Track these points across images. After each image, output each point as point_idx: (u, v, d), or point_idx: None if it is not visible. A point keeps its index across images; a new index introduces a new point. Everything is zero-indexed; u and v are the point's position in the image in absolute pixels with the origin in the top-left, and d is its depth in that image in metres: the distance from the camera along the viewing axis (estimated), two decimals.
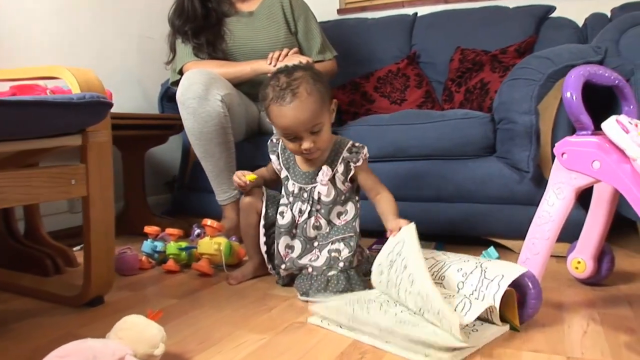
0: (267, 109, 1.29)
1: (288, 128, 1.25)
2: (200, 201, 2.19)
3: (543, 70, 1.64)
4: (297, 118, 1.23)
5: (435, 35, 2.57)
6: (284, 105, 1.23)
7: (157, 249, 1.65)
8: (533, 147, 1.64)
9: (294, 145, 1.28)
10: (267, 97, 1.27)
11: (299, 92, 1.22)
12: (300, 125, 1.24)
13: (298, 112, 1.22)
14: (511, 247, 1.77)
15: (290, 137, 1.27)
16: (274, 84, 1.25)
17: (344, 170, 1.36)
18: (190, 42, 2.05)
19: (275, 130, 1.34)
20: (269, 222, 1.43)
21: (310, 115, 1.23)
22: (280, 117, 1.25)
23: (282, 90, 1.23)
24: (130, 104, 2.50)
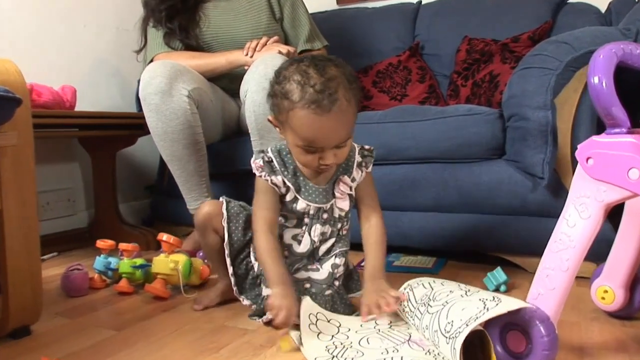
0: (286, 111, 0.98)
1: (316, 141, 0.98)
2: (180, 207, 1.96)
3: (561, 57, 1.38)
4: (335, 131, 0.97)
5: (441, 24, 2.33)
6: (319, 115, 0.94)
7: (110, 266, 1.43)
8: (549, 148, 1.39)
9: (310, 158, 1.01)
10: (291, 97, 0.96)
11: (339, 99, 0.94)
12: (333, 139, 0.98)
13: (337, 124, 0.96)
14: (522, 265, 1.52)
15: (309, 150, 1.00)
16: (303, 81, 0.96)
17: (360, 176, 1.15)
18: (163, 27, 1.83)
19: (284, 137, 1.06)
20: (236, 249, 1.18)
21: (348, 129, 1.00)
22: (311, 127, 0.96)
23: (318, 94, 0.94)
24: (106, 102, 2.31)
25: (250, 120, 1.57)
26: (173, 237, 1.34)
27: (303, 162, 1.05)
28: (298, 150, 1.01)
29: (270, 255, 1.05)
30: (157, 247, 1.84)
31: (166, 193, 2.15)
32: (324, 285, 1.12)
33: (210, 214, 1.18)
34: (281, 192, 1.10)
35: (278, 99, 1.00)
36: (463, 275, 1.47)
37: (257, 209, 1.09)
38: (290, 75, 0.98)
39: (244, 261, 1.18)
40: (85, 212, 2.19)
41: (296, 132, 0.98)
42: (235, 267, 1.16)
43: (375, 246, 1.15)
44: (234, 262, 1.17)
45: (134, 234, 1.94)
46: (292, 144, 1.03)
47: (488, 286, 1.34)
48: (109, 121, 1.85)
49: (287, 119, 0.99)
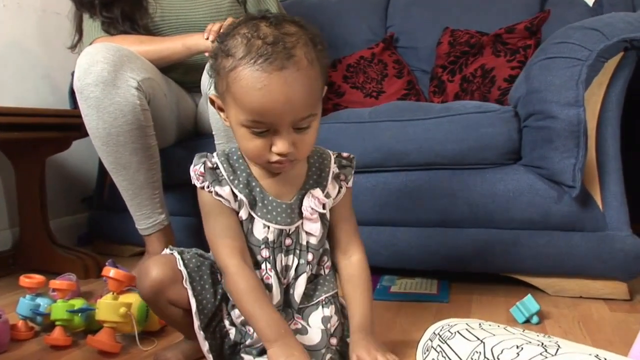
0: (227, 75, 0.73)
1: (265, 111, 0.71)
2: (124, 223, 1.64)
3: (590, 45, 1.18)
4: (290, 99, 0.71)
5: (416, 14, 2.13)
6: (269, 72, 0.70)
7: (40, 310, 1.10)
8: (581, 152, 1.18)
9: (259, 144, 0.75)
10: (233, 53, 0.72)
11: (296, 55, 0.71)
12: (288, 109, 0.72)
13: (293, 88, 0.71)
14: (542, 287, 1.32)
15: (258, 129, 0.74)
16: (250, 34, 0.72)
17: (337, 192, 0.89)
18: (99, 17, 1.50)
19: (228, 120, 0.79)
20: (208, 315, 0.86)
21: (307, 96, 0.73)
22: (257, 90, 0.70)
23: (268, 46, 0.70)
24: (33, 98, 1.97)
25: (216, 118, 1.29)
26: (123, 272, 1.03)
27: (250, 152, 0.78)
28: (243, 132, 0.75)
29: (255, 299, 0.77)
30: (99, 274, 1.52)
31: (107, 206, 1.83)
32: (322, 350, 0.82)
33: (161, 281, 0.83)
34: (231, 207, 0.82)
35: (217, 61, 0.76)
36: (478, 303, 1.25)
37: (215, 238, 0.82)
38: (236, 30, 0.75)
39: (216, 328, 0.87)
40: (8, 232, 1.83)
41: (238, 101, 0.73)
42: (208, 340, 0.85)
43: (362, 290, 0.88)
44: (206, 334, 0.85)
45: (69, 257, 1.60)
46: (235, 123, 0.77)
47: (517, 318, 1.11)
48: (36, 120, 1.50)
49: (228, 86, 0.74)
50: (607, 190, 1.26)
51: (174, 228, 1.45)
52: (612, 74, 1.24)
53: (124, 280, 1.02)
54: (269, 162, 0.77)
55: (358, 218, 0.95)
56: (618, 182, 1.26)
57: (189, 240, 1.62)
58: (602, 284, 1.27)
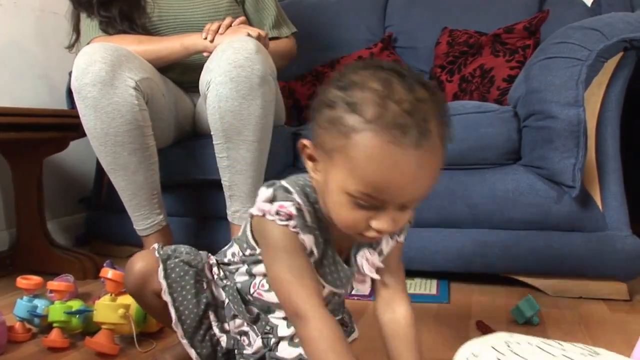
0: (347, 133, 0.60)
1: (387, 189, 0.60)
2: (122, 223, 1.63)
3: (591, 45, 1.18)
4: (416, 178, 0.60)
5: (415, 14, 2.13)
6: (403, 148, 0.58)
7: (37, 311, 1.09)
8: (581, 152, 1.18)
9: (359, 217, 0.63)
10: (361, 111, 0.59)
11: (431, 130, 0.59)
12: (411, 191, 0.61)
13: (423, 170, 0.60)
14: (542, 287, 1.31)
15: (366, 203, 0.62)
16: (384, 93, 0.59)
17: (388, 249, 0.78)
18: (97, 16, 1.49)
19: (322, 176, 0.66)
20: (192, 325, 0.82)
21: (433, 180, 0.63)
22: (385, 165, 0.59)
23: (406, 116, 0.58)
24: (31, 98, 1.95)
25: (214, 119, 1.28)
26: (121, 273, 1.02)
27: (344, 222, 0.65)
28: (345, 200, 0.63)
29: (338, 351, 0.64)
30: (97, 275, 1.51)
31: (105, 206, 1.82)
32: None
33: (144, 273, 0.82)
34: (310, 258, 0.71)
35: (334, 112, 0.61)
36: (478, 304, 1.24)
37: (291, 278, 0.68)
38: (364, 80, 0.61)
39: (205, 336, 0.83)
40: (5, 232, 1.81)
41: (356, 169, 0.60)
42: (197, 349, 0.82)
43: (412, 349, 0.78)
44: (194, 342, 0.82)
45: (66, 258, 1.59)
46: (336, 187, 0.63)
47: (517, 319, 1.11)
48: (33, 120, 1.49)
49: (346, 148, 0.60)
50: (606, 190, 1.26)
51: (172, 229, 1.45)
52: (612, 74, 1.24)
53: (122, 282, 1.01)
54: (360, 235, 0.65)
55: None
56: (618, 182, 1.26)
57: (187, 240, 1.61)
58: (602, 285, 1.27)
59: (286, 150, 1.54)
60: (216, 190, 1.43)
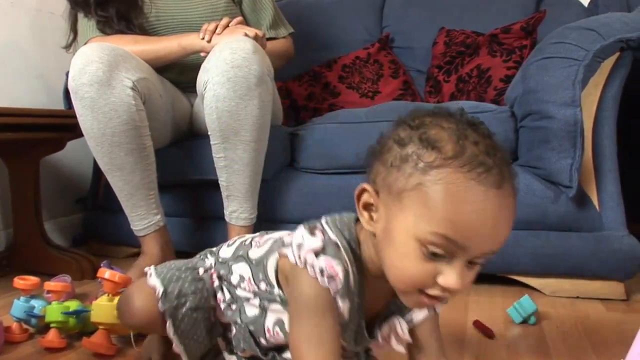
0: (426, 167, 0.55)
1: (467, 231, 0.53)
2: (119, 224, 1.63)
3: (587, 45, 1.19)
4: (497, 221, 0.54)
5: (412, 15, 2.13)
6: (486, 185, 0.53)
7: (34, 312, 1.09)
8: (578, 152, 1.18)
9: (425, 270, 0.56)
10: (440, 147, 0.55)
11: (507, 175, 0.55)
12: (491, 236, 0.55)
13: (502, 211, 0.54)
14: (539, 287, 1.32)
15: (438, 250, 0.54)
16: (459, 133, 0.55)
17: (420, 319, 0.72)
18: (94, 16, 1.49)
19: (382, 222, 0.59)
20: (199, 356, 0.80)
21: (510, 226, 0.57)
22: (468, 202, 0.53)
23: (486, 156, 0.54)
24: (27, 98, 1.93)
25: (212, 119, 1.28)
26: (118, 273, 1.02)
27: (407, 276, 0.57)
28: (413, 249, 0.55)
29: None
30: (94, 275, 1.51)
31: (102, 207, 1.82)
32: None
33: (146, 317, 0.78)
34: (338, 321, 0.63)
35: (408, 148, 0.56)
36: (475, 303, 1.24)
37: (308, 344, 0.61)
38: (436, 121, 0.58)
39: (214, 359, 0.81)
40: (2, 233, 1.80)
41: (434, 208, 0.54)
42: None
43: None
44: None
45: (63, 259, 1.58)
46: (406, 235, 0.56)
47: (514, 318, 1.11)
48: (30, 120, 1.48)
49: (423, 184, 0.54)
50: (603, 190, 1.26)
51: (170, 229, 1.44)
52: (609, 74, 1.24)
53: (119, 282, 1.01)
54: (420, 294, 0.58)
55: None
56: (614, 182, 1.26)
57: (184, 240, 1.62)
58: (599, 284, 1.28)
59: (283, 150, 1.54)
60: (213, 190, 1.43)
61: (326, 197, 1.43)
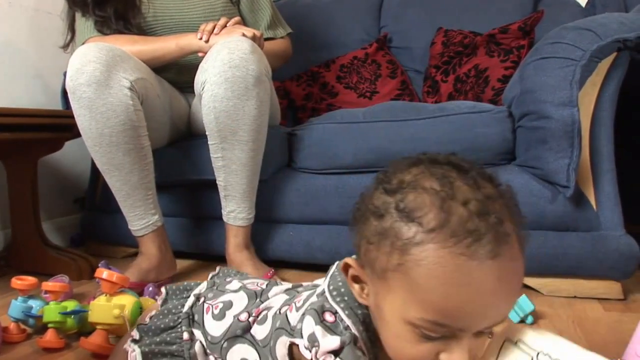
0: (405, 245, 0.48)
1: (461, 314, 0.47)
2: (117, 224, 1.64)
3: (584, 45, 1.18)
4: (496, 296, 0.48)
5: (410, 15, 2.13)
6: (478, 259, 0.46)
7: (32, 312, 1.09)
8: (575, 152, 1.18)
9: (425, 350, 0.50)
10: (419, 218, 0.48)
11: (508, 234, 0.49)
12: (492, 312, 0.49)
13: (503, 282, 0.48)
14: (537, 287, 1.32)
15: (435, 334, 0.49)
16: (444, 193, 0.49)
17: None
18: (92, 16, 1.49)
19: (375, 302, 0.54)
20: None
21: (516, 294, 0.52)
22: (458, 284, 0.46)
23: (474, 220, 0.47)
24: (24, 98, 1.93)
25: (209, 119, 1.28)
26: (116, 273, 1.02)
27: (406, 358, 0.52)
28: (406, 332, 0.50)
29: None
30: (92, 275, 1.50)
31: (100, 207, 1.81)
32: None
33: None
34: None
35: (385, 222, 0.50)
36: None
37: None
38: (417, 180, 0.50)
39: None
40: (0, 233, 1.80)
41: (420, 293, 0.48)
42: None
43: None
44: None
45: (61, 259, 1.58)
46: (396, 318, 0.51)
47: (512, 318, 1.11)
48: (27, 121, 1.48)
49: (404, 265, 0.48)
50: (600, 190, 1.26)
51: (167, 229, 1.44)
52: (606, 74, 1.24)
53: (117, 282, 1.01)
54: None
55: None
56: (612, 182, 1.26)
57: (182, 240, 1.62)
58: (596, 284, 1.28)
59: (281, 150, 1.54)
60: (211, 190, 1.43)
61: (324, 197, 1.43)
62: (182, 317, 0.74)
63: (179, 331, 0.73)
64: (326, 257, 1.43)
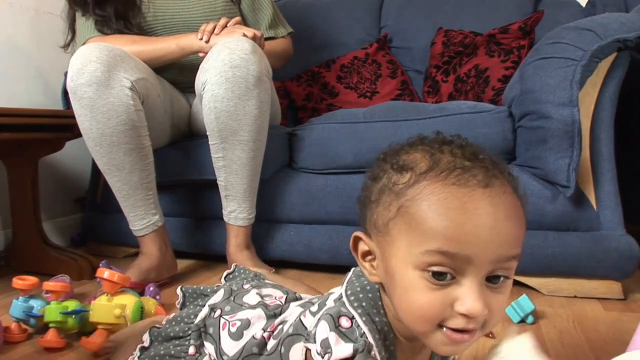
0: (401, 190, 0.51)
1: (463, 237, 0.48)
2: (118, 224, 1.64)
3: (585, 45, 1.19)
4: (495, 221, 0.48)
5: (410, 15, 2.13)
6: (469, 186, 0.49)
7: (33, 312, 1.09)
8: (575, 152, 1.18)
9: (436, 299, 0.49)
10: (411, 167, 0.52)
11: (500, 177, 0.51)
12: (494, 238, 0.48)
13: (498, 209, 0.49)
14: (537, 286, 1.32)
15: (442, 270, 0.49)
16: (432, 150, 0.53)
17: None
18: (92, 15, 1.49)
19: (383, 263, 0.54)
20: None
21: (516, 226, 0.52)
22: (452, 207, 0.48)
23: (464, 160, 0.51)
24: (24, 98, 1.93)
25: (210, 119, 1.28)
26: (118, 273, 1.02)
27: (421, 312, 0.50)
28: (416, 279, 0.50)
29: None
30: (93, 275, 1.51)
31: (100, 207, 1.81)
32: None
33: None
34: None
35: (382, 180, 0.54)
36: None
37: None
38: (409, 148, 0.55)
39: None
40: (1, 233, 1.81)
41: (420, 225, 0.49)
42: None
43: None
44: None
45: (62, 259, 1.58)
46: (403, 267, 0.51)
47: (512, 318, 1.11)
48: (28, 121, 1.48)
49: (402, 210, 0.51)
50: (601, 190, 1.26)
51: (168, 229, 1.45)
52: (606, 74, 1.24)
53: (119, 282, 1.01)
54: (443, 330, 0.50)
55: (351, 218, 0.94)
56: (612, 182, 1.26)
57: (183, 240, 1.62)
58: (597, 284, 1.28)
59: (282, 150, 1.54)
60: (212, 190, 1.43)
61: (324, 196, 1.43)
62: (193, 329, 0.72)
63: (186, 344, 0.72)
64: (327, 257, 1.43)
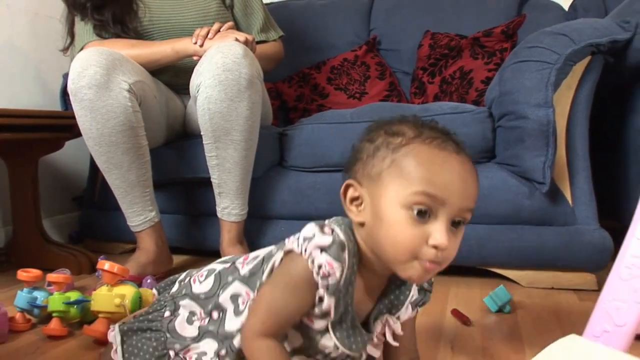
0: (396, 147, 0.64)
1: (441, 183, 0.61)
2: (115, 222, 1.70)
3: (559, 49, 1.25)
4: (463, 177, 0.63)
5: (399, 18, 2.19)
6: (446, 151, 0.63)
7: (37, 302, 1.15)
8: (550, 150, 1.25)
9: (417, 234, 0.61)
10: (403, 133, 0.65)
11: (464, 150, 0.66)
12: (462, 189, 0.62)
13: (466, 170, 0.63)
14: (516, 279, 1.39)
15: (423, 207, 0.61)
16: (418, 125, 0.66)
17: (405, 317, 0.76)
18: (91, 19, 1.55)
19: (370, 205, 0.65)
20: None
21: (477, 186, 0.66)
22: (435, 163, 0.62)
23: (441, 134, 0.65)
24: (24, 99, 1.98)
25: (204, 120, 1.34)
26: (117, 265, 1.08)
27: (403, 243, 0.62)
28: (402, 216, 0.62)
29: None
30: (92, 270, 1.57)
31: (98, 205, 1.86)
32: None
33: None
34: (315, 313, 0.67)
35: (377, 142, 0.66)
36: (454, 295, 1.31)
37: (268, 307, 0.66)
38: (399, 122, 0.68)
39: None
40: (1, 230, 1.86)
41: (410, 174, 0.62)
42: None
43: None
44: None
45: (62, 255, 1.64)
46: (392, 205, 0.63)
47: (490, 307, 1.18)
48: (29, 121, 1.54)
49: (395, 162, 0.64)
50: (576, 186, 1.33)
51: (164, 225, 1.50)
52: (581, 76, 1.31)
53: (118, 273, 1.07)
54: (419, 263, 0.62)
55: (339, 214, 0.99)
56: (587, 179, 1.32)
57: (178, 236, 1.68)
58: (572, 276, 1.34)
59: (273, 150, 1.60)
60: (206, 188, 1.49)
61: (313, 193, 1.49)
62: (167, 299, 0.81)
63: (162, 311, 0.80)
64: None
